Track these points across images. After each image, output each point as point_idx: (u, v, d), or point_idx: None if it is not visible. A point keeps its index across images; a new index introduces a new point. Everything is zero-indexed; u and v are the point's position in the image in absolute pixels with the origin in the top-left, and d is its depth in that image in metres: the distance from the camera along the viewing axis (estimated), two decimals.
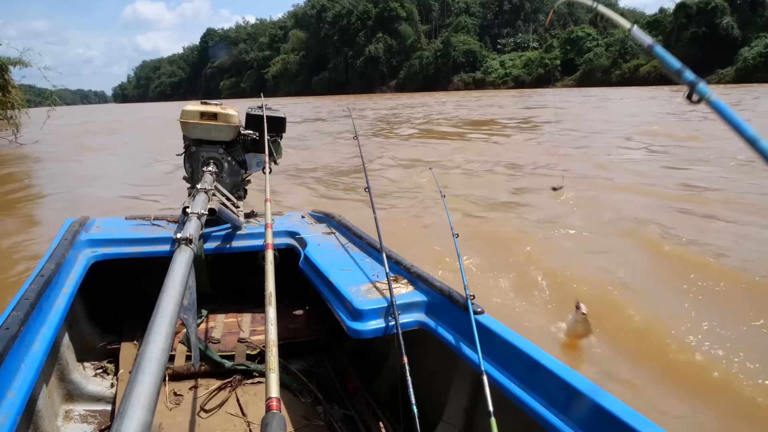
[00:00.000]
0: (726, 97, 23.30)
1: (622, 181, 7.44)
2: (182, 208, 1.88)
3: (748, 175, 7.18)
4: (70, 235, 2.03)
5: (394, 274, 1.89)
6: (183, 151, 2.53)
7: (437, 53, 79.45)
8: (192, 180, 2.49)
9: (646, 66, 56.46)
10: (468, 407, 1.66)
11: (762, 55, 47.68)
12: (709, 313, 3.23)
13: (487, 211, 6.11)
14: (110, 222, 2.42)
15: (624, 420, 1.06)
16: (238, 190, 2.59)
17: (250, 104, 2.71)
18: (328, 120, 24.15)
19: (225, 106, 2.48)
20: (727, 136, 0.74)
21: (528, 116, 20.56)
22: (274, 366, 0.87)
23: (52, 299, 1.66)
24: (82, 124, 29.02)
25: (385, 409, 1.93)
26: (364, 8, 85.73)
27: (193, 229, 1.52)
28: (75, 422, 1.86)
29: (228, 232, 2.39)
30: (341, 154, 11.22)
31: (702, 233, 4.80)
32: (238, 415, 1.90)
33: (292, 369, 2.18)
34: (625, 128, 14.12)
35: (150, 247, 2.21)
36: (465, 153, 10.91)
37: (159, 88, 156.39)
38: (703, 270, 3.87)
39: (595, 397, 1.14)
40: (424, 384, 1.73)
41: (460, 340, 1.57)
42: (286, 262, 2.27)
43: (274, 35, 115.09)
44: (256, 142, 2.56)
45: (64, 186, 9.14)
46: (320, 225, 2.63)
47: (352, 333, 1.66)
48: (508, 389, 1.33)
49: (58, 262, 1.77)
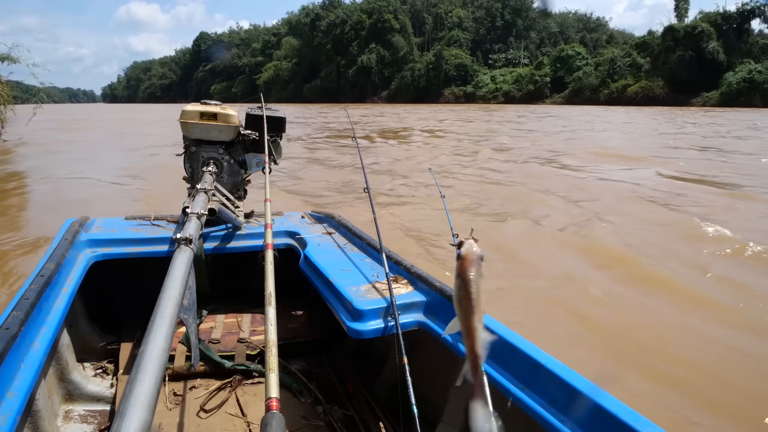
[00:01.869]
0: (710, 119, 24.23)
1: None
2: (182, 208, 1.89)
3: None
4: (70, 235, 2.02)
5: (394, 275, 1.91)
6: (183, 151, 2.53)
7: (429, 66, 79.94)
8: (192, 180, 2.49)
9: (634, 86, 57.46)
10: (468, 407, 1.67)
11: (746, 80, 48.85)
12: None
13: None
14: (110, 222, 2.41)
15: (624, 420, 1.07)
16: (237, 190, 2.59)
17: (247, 108, 2.71)
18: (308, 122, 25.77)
19: (225, 106, 2.49)
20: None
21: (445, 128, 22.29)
22: (274, 366, 0.88)
23: (52, 299, 1.66)
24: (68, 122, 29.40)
25: (385, 409, 1.94)
26: (358, 18, 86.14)
27: (193, 229, 1.53)
28: (75, 422, 1.85)
29: (228, 232, 2.40)
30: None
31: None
32: (237, 416, 1.90)
33: (292, 369, 2.19)
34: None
35: (150, 247, 2.21)
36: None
37: (149, 89, 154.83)
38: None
39: (595, 397, 1.14)
40: (424, 384, 1.73)
41: (460, 340, 1.58)
42: (286, 262, 2.28)
43: (268, 41, 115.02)
44: (256, 142, 2.56)
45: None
46: (320, 225, 2.64)
47: (352, 333, 1.67)
48: (508, 389, 1.34)
49: (58, 262, 1.76)
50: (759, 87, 47.91)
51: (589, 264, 4.63)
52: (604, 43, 77.35)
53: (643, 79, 57.65)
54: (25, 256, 4.69)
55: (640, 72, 58.82)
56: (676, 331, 3.38)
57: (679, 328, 3.42)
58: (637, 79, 58.23)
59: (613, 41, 78.32)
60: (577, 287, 4.07)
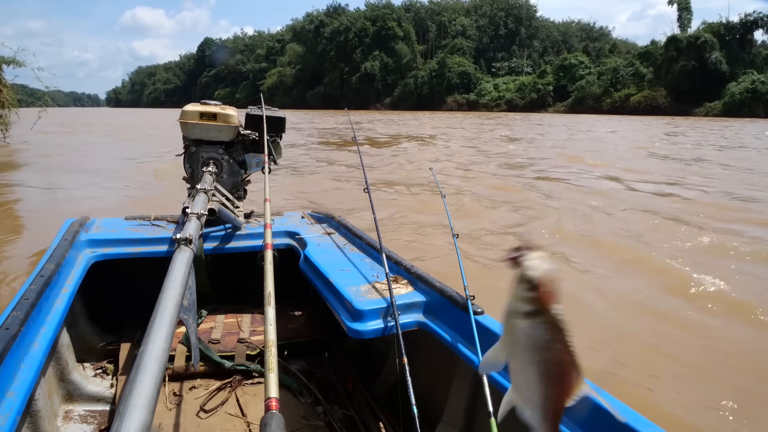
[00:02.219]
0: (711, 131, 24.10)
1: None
2: (182, 209, 1.89)
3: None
4: (70, 236, 2.03)
5: (394, 275, 1.91)
6: (183, 151, 2.54)
7: (432, 73, 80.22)
8: (192, 180, 2.50)
9: (636, 96, 57.55)
10: (468, 407, 1.66)
11: (749, 91, 48.93)
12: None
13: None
14: (110, 222, 2.42)
15: (624, 420, 1.07)
16: (237, 190, 2.60)
17: (247, 109, 2.71)
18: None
19: (224, 106, 2.51)
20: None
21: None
22: (274, 366, 0.87)
23: (52, 299, 1.67)
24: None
25: (385, 409, 1.94)
26: (362, 26, 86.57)
27: (193, 230, 1.54)
28: (75, 422, 1.85)
29: (228, 232, 2.40)
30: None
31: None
32: (237, 416, 1.90)
33: (291, 369, 2.18)
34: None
35: (150, 248, 2.22)
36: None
37: (153, 94, 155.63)
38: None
39: (595, 398, 1.14)
40: (424, 384, 1.73)
41: (460, 340, 1.57)
42: (286, 262, 2.29)
43: (272, 48, 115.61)
44: (256, 142, 2.57)
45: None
46: (320, 225, 2.65)
47: (352, 333, 1.67)
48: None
49: (58, 263, 1.77)
50: (762, 97, 48.00)
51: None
52: (607, 52, 77.66)
53: (645, 88, 57.74)
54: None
55: (643, 81, 58.92)
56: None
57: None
58: (639, 89, 58.31)
59: (616, 50, 78.66)
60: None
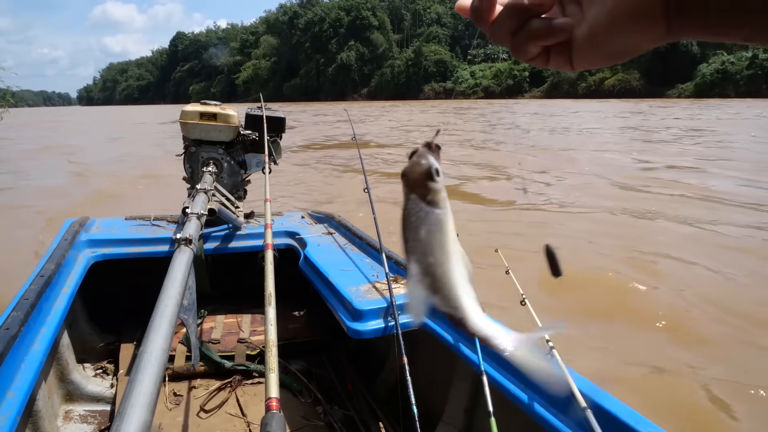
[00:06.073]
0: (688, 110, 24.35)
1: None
2: (182, 209, 1.89)
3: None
4: (70, 236, 2.03)
5: (394, 275, 1.91)
6: (183, 151, 2.53)
7: (409, 62, 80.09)
8: (192, 180, 2.49)
9: (611, 79, 58.21)
10: (468, 407, 1.67)
11: (719, 72, 49.90)
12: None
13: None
14: (110, 222, 2.41)
15: (624, 420, 1.08)
16: (237, 190, 2.60)
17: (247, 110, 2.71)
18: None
19: (224, 107, 2.50)
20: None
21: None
22: (274, 366, 0.88)
23: (52, 299, 1.67)
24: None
25: (385, 409, 1.95)
26: (336, 16, 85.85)
27: (193, 230, 1.54)
28: (75, 422, 1.85)
29: (228, 232, 2.40)
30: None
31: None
32: (237, 416, 1.91)
33: (292, 369, 2.19)
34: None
35: (150, 248, 2.22)
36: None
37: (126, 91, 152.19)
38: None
39: (595, 397, 1.15)
40: (424, 384, 1.73)
41: (460, 340, 1.58)
42: (286, 262, 2.28)
43: (246, 40, 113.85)
44: (256, 143, 2.57)
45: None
46: (320, 225, 2.65)
47: (352, 333, 1.67)
48: (507, 389, 1.34)
49: (58, 263, 1.77)
50: (732, 78, 49.00)
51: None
52: None
53: (620, 71, 58.41)
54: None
55: (617, 65, 59.39)
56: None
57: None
58: (614, 72, 58.99)
59: None
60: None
